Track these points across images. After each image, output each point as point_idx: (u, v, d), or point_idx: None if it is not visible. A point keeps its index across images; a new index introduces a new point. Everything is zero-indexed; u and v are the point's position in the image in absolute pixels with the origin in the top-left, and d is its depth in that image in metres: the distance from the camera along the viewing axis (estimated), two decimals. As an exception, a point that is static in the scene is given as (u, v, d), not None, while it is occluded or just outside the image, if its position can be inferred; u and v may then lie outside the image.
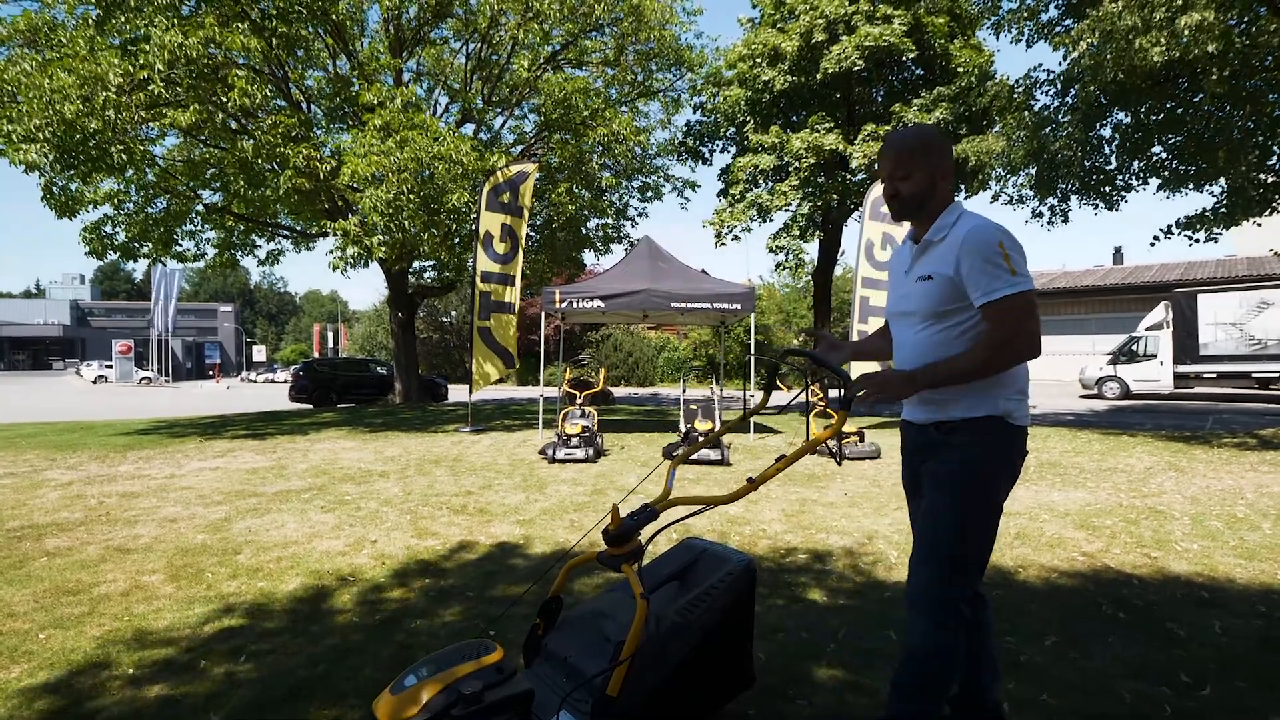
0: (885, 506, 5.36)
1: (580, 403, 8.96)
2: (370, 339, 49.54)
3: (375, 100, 11.83)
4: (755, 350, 28.58)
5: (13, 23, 11.36)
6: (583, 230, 16.86)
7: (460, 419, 12.64)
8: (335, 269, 12.44)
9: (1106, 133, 10.21)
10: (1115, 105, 9.58)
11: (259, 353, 64.65)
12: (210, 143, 13.49)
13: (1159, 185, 10.28)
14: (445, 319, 40.41)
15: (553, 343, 24.97)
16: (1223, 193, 10.02)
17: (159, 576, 3.73)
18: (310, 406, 18.56)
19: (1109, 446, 8.75)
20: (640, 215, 18.50)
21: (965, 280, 1.79)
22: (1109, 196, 10.53)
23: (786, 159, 14.22)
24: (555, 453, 7.77)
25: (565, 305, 9.78)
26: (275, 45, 11.59)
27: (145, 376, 42.00)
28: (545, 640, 2.06)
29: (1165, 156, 10.09)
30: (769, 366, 2.49)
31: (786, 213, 14.94)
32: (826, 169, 14.70)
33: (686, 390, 13.03)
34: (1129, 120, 9.86)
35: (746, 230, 15.60)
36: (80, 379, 44.26)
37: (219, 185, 14.56)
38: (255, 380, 46.84)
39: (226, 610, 3.23)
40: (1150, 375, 18.14)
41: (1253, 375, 17.10)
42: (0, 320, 59.21)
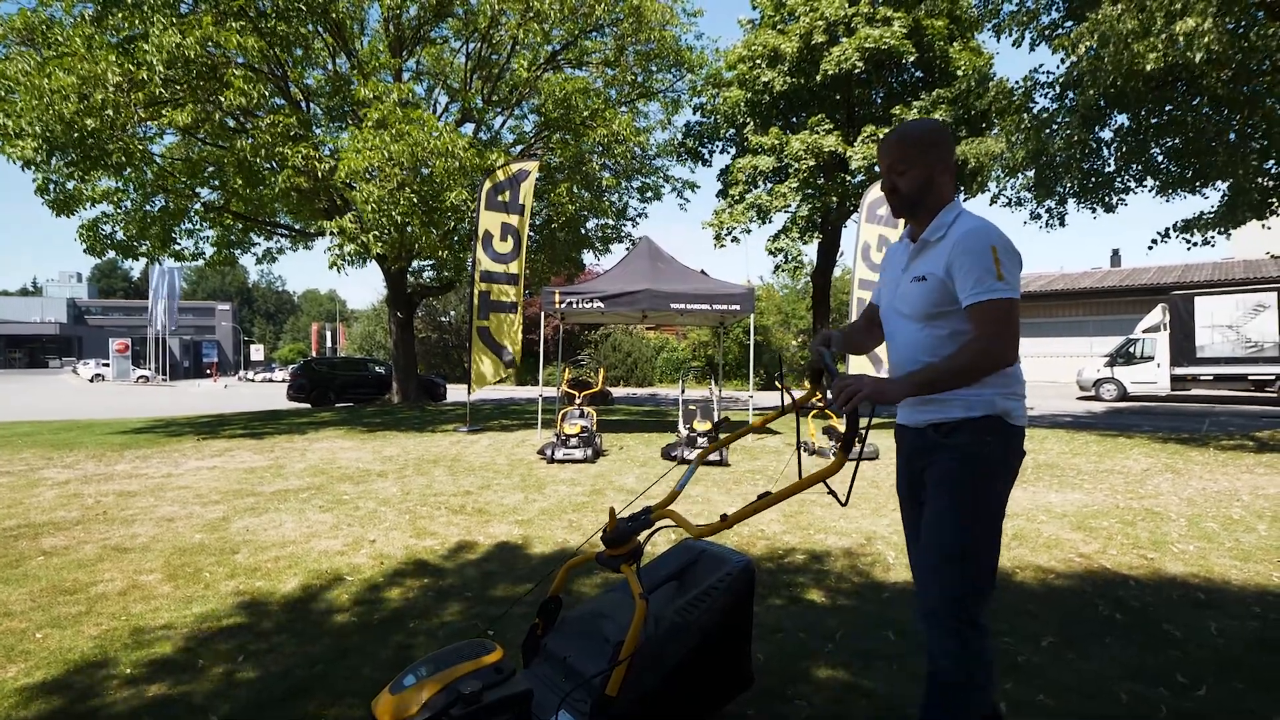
0: (884, 507, 5.36)
1: (579, 403, 8.95)
2: (369, 338, 49.54)
3: (371, 95, 11.81)
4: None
5: (9, 21, 11.32)
6: (582, 230, 16.89)
7: (459, 419, 12.63)
8: (333, 266, 12.43)
9: (1106, 135, 10.26)
10: (1114, 108, 9.60)
11: (257, 352, 64.64)
12: (209, 141, 13.47)
13: (1157, 189, 10.30)
14: (444, 318, 40.39)
15: (552, 343, 24.96)
16: (1223, 197, 10.03)
17: (156, 576, 3.72)
18: (308, 406, 18.54)
19: (1106, 448, 8.76)
20: (640, 216, 18.58)
21: (954, 279, 1.78)
22: (1107, 199, 10.55)
23: (786, 160, 14.25)
24: (554, 453, 7.76)
25: (565, 305, 9.77)
26: (273, 44, 11.57)
27: (142, 375, 41.95)
28: (544, 640, 2.06)
29: (1164, 159, 10.12)
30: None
31: (786, 214, 14.98)
32: (826, 170, 14.72)
33: (685, 391, 13.03)
34: (1128, 123, 9.89)
35: (746, 231, 15.64)
36: (77, 377, 44.15)
37: (217, 184, 14.56)
38: (253, 379, 46.75)
39: (224, 610, 3.23)
40: (1147, 377, 18.19)
41: (1249, 377, 17.15)
42: (-3, 318, 59.24)
